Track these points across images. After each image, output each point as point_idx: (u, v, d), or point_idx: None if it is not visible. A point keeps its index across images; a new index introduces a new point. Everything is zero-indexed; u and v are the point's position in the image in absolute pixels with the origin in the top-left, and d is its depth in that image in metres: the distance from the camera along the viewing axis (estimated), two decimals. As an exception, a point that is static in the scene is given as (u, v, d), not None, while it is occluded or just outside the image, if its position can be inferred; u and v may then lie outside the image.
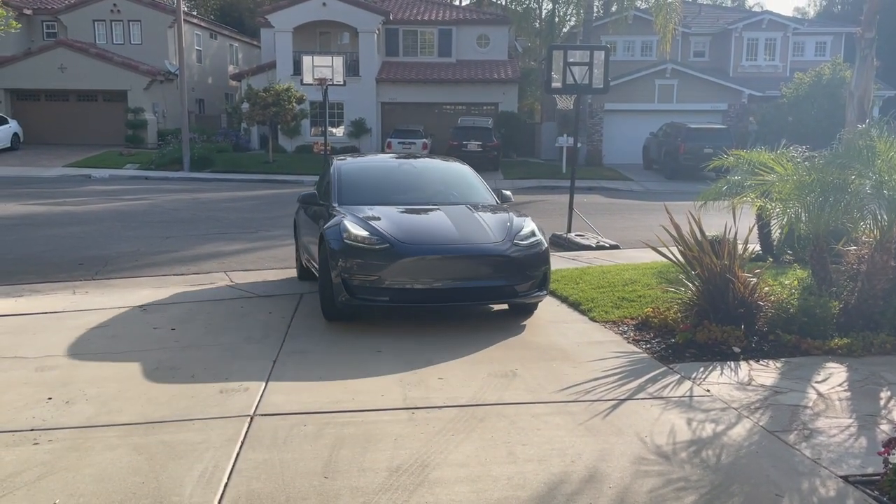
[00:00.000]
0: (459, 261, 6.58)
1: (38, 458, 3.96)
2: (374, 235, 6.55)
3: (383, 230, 6.62)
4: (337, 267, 6.47)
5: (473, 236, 6.76)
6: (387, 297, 6.45)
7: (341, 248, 6.50)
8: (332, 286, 6.55)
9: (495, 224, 7.00)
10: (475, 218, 7.14)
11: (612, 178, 26.41)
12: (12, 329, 6.63)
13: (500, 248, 6.63)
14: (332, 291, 6.57)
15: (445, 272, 6.54)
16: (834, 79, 26.31)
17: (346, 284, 6.44)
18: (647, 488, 3.69)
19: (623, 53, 33.62)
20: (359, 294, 6.44)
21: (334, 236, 6.64)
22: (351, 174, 8.22)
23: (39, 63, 31.04)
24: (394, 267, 6.38)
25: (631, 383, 5.22)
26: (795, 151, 7.47)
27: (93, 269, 9.74)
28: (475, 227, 6.92)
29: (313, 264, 7.70)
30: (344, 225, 6.68)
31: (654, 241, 7.17)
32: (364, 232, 6.58)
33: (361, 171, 8.66)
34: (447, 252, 6.56)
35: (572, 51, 12.20)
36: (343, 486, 3.67)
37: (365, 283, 6.42)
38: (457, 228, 6.84)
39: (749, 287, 6.33)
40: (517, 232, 6.88)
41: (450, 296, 6.63)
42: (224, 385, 5.09)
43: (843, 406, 4.83)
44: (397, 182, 8.34)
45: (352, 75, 28.96)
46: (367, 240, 6.50)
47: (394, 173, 8.78)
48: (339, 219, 6.88)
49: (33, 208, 15.86)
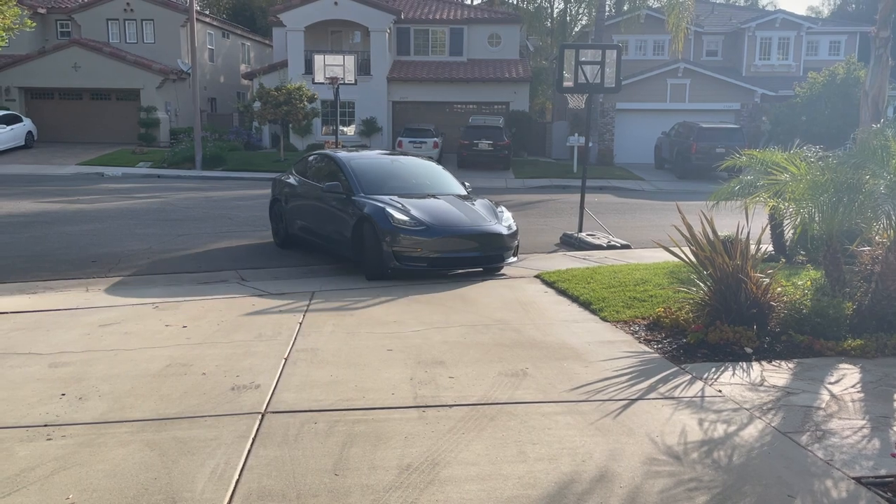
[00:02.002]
0: (472, 238, 9.06)
1: (52, 454, 3.99)
2: (413, 220, 8.90)
3: (417, 216, 8.96)
4: (387, 242, 8.74)
5: (478, 220, 9.29)
6: (425, 263, 8.89)
7: (391, 229, 8.78)
8: (381, 256, 8.80)
9: (486, 211, 9.65)
10: (472, 207, 9.68)
11: (624, 177, 26.33)
12: (26, 325, 6.69)
13: (497, 229, 9.24)
14: (381, 259, 8.83)
15: (462, 246, 9.03)
16: (848, 78, 26.11)
17: (395, 255, 8.77)
18: (658, 488, 3.68)
19: (635, 52, 33.51)
20: (405, 262, 8.82)
21: (382, 220, 8.85)
22: (361, 169, 10.14)
23: (53, 62, 31.25)
24: (430, 242, 8.82)
25: (642, 383, 5.21)
26: (809, 151, 7.43)
27: (106, 267, 9.81)
28: (477, 214, 9.48)
29: (314, 235, 10.36)
30: (388, 212, 8.92)
31: (666, 241, 7.15)
32: (406, 217, 8.92)
33: (368, 167, 10.42)
34: (464, 233, 9.03)
35: (584, 50, 12.16)
36: (353, 484, 3.68)
37: (410, 254, 8.81)
38: (465, 215, 9.33)
39: (761, 287, 6.30)
40: (502, 217, 9.65)
41: (465, 262, 9.21)
42: (235, 382, 5.12)
43: (856, 407, 4.80)
44: (395, 175, 10.41)
45: (363, 74, 29.01)
46: (408, 223, 8.85)
47: (390, 168, 10.78)
48: (379, 206, 9.06)
49: (47, 206, 15.97)
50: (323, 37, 31.97)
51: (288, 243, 11.19)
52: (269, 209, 12.09)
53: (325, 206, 10.05)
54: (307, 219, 10.61)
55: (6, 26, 13.88)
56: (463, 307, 7.47)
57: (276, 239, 11.62)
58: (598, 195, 20.71)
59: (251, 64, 40.09)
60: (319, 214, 10.24)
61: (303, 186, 10.86)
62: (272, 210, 11.82)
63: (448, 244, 8.90)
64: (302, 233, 10.75)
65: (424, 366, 5.51)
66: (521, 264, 10.17)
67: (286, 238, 11.20)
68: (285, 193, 11.22)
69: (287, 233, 11.13)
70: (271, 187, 12.21)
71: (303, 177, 11.06)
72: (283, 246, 11.28)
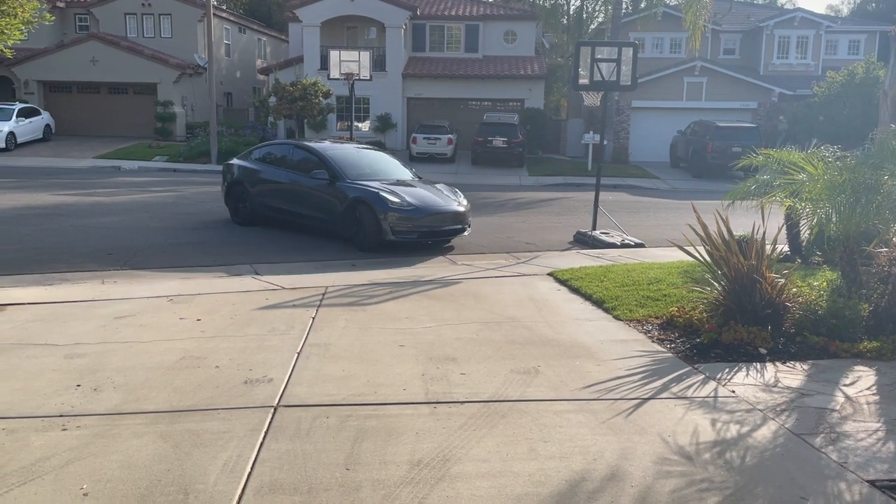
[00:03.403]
0: (446, 215, 11.27)
1: (67, 444, 4.03)
2: (404, 202, 10.92)
3: (407, 199, 11.01)
4: (386, 219, 10.74)
5: (448, 201, 11.57)
6: (415, 235, 11.01)
7: (388, 209, 10.78)
8: (380, 231, 10.78)
9: (451, 193, 12.01)
10: (440, 190, 12.03)
11: (639, 175, 26.21)
12: (43, 317, 6.76)
13: (461, 208, 11.53)
14: (380, 234, 10.80)
15: (440, 221, 11.21)
16: (867, 78, 25.85)
17: (392, 229, 10.78)
18: (669, 488, 3.67)
19: (651, 50, 33.33)
20: (399, 235, 10.86)
21: (380, 202, 10.83)
22: (339, 158, 12.07)
23: (72, 56, 31.49)
24: (418, 219, 10.92)
25: (654, 382, 5.19)
26: (826, 151, 7.35)
27: (121, 260, 9.89)
28: (446, 196, 11.77)
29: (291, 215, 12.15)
30: (384, 196, 10.93)
31: (680, 240, 7.11)
32: (398, 199, 10.93)
33: (344, 156, 12.28)
34: (441, 211, 11.24)
35: (600, 47, 12.12)
36: (364, 479, 3.69)
37: (402, 229, 10.85)
38: (439, 197, 11.58)
39: (777, 288, 6.25)
40: (460, 197, 11.97)
41: (441, 234, 11.38)
42: (248, 376, 5.14)
43: (871, 410, 4.75)
44: (366, 164, 12.38)
45: (378, 70, 29.00)
46: (401, 205, 10.88)
47: (360, 158, 12.65)
48: (373, 191, 11.06)
49: (64, 198, 16.12)
50: (339, 32, 32.02)
51: (251, 221, 12.77)
52: (224, 192, 13.44)
53: (306, 189, 11.83)
54: (280, 200, 12.30)
55: (25, 20, 14.04)
56: (475, 304, 7.47)
57: (236, 218, 13.08)
58: (613, 193, 20.63)
59: (267, 59, 40.22)
60: (299, 197, 11.97)
61: (272, 172, 12.55)
62: (230, 193, 13.22)
63: (430, 220, 11.07)
64: (272, 212, 12.46)
65: (436, 362, 5.52)
66: (535, 261, 10.16)
67: (250, 216, 12.78)
68: (248, 178, 12.80)
69: (252, 212, 12.73)
70: (224, 173, 13.66)
71: (268, 164, 12.77)
72: (245, 223, 12.81)
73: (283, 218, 12.40)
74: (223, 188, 13.60)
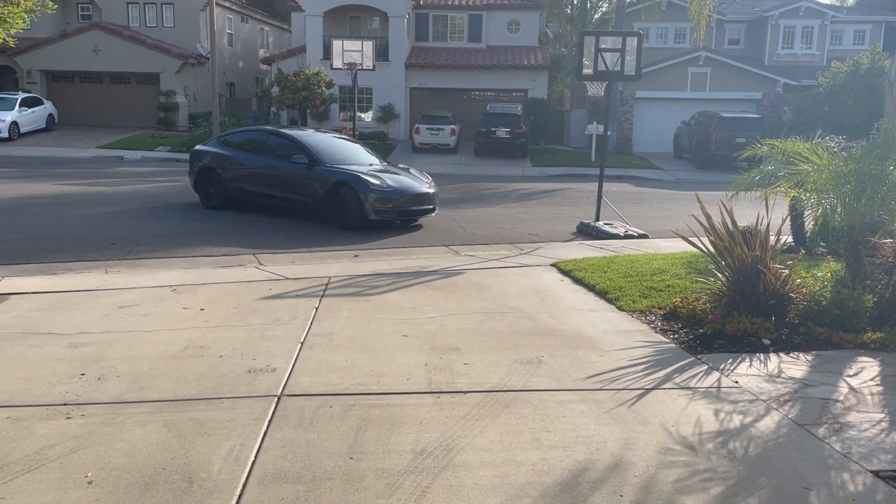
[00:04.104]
0: (419, 196, 12.28)
1: (71, 432, 4.04)
2: (385, 184, 11.94)
3: (387, 182, 12.03)
4: (368, 200, 11.69)
5: (421, 184, 12.60)
6: (394, 215, 12.07)
7: (369, 190, 11.75)
8: (363, 211, 11.71)
9: (422, 176, 13.07)
10: (413, 174, 13.05)
11: (642, 166, 26.15)
12: (47, 306, 6.77)
13: (431, 190, 12.61)
14: (363, 213, 11.71)
15: (415, 202, 12.23)
16: (872, 68, 25.72)
17: (373, 209, 11.75)
18: (672, 478, 3.67)
19: (656, 40, 33.16)
20: (380, 214, 11.84)
21: (363, 185, 11.76)
22: (316, 145, 12.88)
23: (74, 45, 31.43)
24: (397, 200, 11.98)
25: (658, 373, 5.18)
26: (832, 141, 7.32)
27: (125, 249, 9.90)
28: (419, 179, 12.81)
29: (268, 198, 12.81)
30: (365, 178, 11.87)
31: (684, 231, 7.09)
32: (379, 182, 11.93)
33: (319, 143, 13.07)
34: (415, 193, 12.26)
35: (604, 37, 12.06)
36: (368, 468, 3.70)
37: (382, 209, 11.84)
38: (413, 180, 12.61)
39: (780, 278, 6.24)
40: (430, 180, 12.99)
41: (416, 213, 12.40)
42: (252, 365, 5.15)
43: (875, 401, 4.75)
44: (339, 151, 13.16)
45: (381, 60, 28.92)
46: (381, 187, 11.89)
47: (334, 145, 13.44)
48: (355, 174, 11.97)
49: (67, 188, 16.13)
50: (342, 22, 31.91)
51: (223, 205, 13.33)
52: (194, 178, 13.81)
53: (285, 174, 12.55)
54: (258, 184, 12.93)
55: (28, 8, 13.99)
56: (478, 294, 7.47)
57: (207, 202, 13.59)
58: (617, 184, 20.59)
59: (270, 49, 40.11)
60: (278, 181, 12.67)
61: (247, 158, 13.16)
62: (199, 178, 13.68)
63: (406, 201, 12.11)
64: (248, 196, 13.10)
65: (439, 352, 5.52)
66: (538, 252, 10.15)
67: (222, 201, 13.34)
68: (220, 164, 13.35)
69: (225, 197, 13.30)
70: (192, 160, 14.02)
71: (242, 150, 13.35)
72: (217, 207, 13.36)
73: (259, 202, 12.98)
74: (192, 174, 13.94)
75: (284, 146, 12.88)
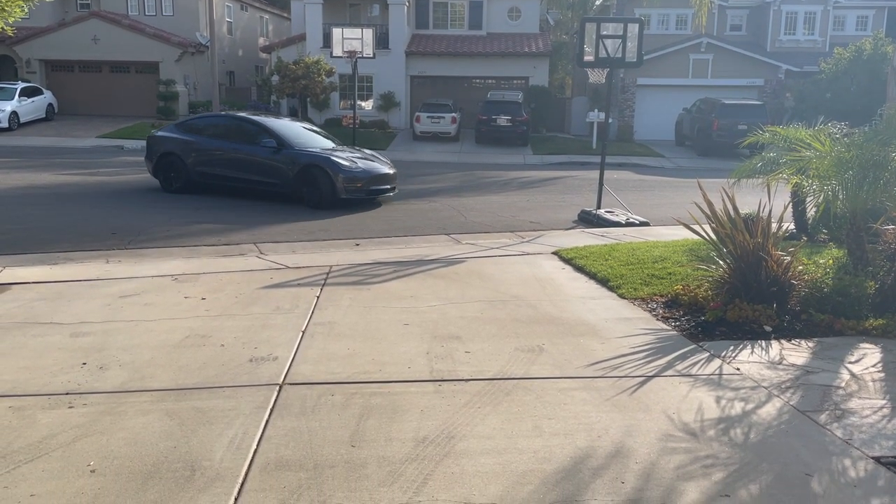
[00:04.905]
0: (383, 176, 13.35)
1: (73, 422, 4.05)
2: (354, 165, 12.98)
3: (356, 163, 13.11)
4: (339, 180, 12.63)
5: (383, 165, 13.68)
6: (363, 194, 13.04)
7: (340, 171, 12.71)
8: (335, 190, 12.64)
9: (383, 158, 14.34)
10: (374, 155, 14.37)
11: (644, 154, 26.07)
12: (48, 296, 6.77)
13: (392, 171, 13.68)
14: (335, 193, 12.66)
15: (379, 181, 13.27)
16: (875, 54, 25.58)
17: (345, 188, 12.69)
18: (673, 465, 3.67)
19: (657, 27, 32.96)
20: (350, 193, 12.80)
21: (334, 166, 12.74)
22: (282, 129, 13.70)
23: (73, 34, 31.28)
24: (365, 180, 12.96)
25: (659, 360, 5.18)
26: (834, 128, 7.29)
27: (125, 239, 9.89)
28: (381, 161, 13.94)
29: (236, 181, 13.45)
30: (336, 160, 12.88)
31: (686, 219, 7.08)
32: (349, 163, 12.95)
33: (284, 128, 13.94)
34: (379, 173, 13.32)
35: (605, 23, 11.98)
36: (370, 455, 3.71)
37: (352, 188, 12.80)
38: (377, 162, 13.71)
39: (782, 265, 6.23)
40: (389, 162, 14.11)
41: (379, 192, 13.34)
42: (253, 354, 5.16)
43: (877, 387, 4.75)
44: (303, 135, 13.99)
45: (381, 48, 28.77)
46: (351, 168, 12.88)
47: (295, 128, 14.35)
48: (325, 157, 12.96)
49: (67, 178, 16.10)
50: (341, 9, 31.74)
51: (185, 189, 13.79)
52: (153, 164, 14.16)
53: (253, 157, 13.20)
54: (225, 168, 13.47)
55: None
56: (479, 283, 7.46)
57: (169, 185, 14.00)
58: (618, 172, 20.53)
59: (269, 37, 39.91)
60: (246, 164, 13.28)
61: (211, 143, 13.69)
62: (160, 163, 14.06)
63: (372, 181, 13.11)
64: (214, 180, 13.62)
65: (441, 340, 5.52)
66: (539, 240, 10.13)
67: (185, 184, 13.82)
68: (182, 150, 13.79)
69: (188, 181, 13.78)
70: (150, 146, 14.40)
71: (204, 136, 13.89)
72: (179, 191, 13.80)
73: (225, 185, 13.58)
74: (150, 161, 14.27)
75: (251, 131, 13.59)
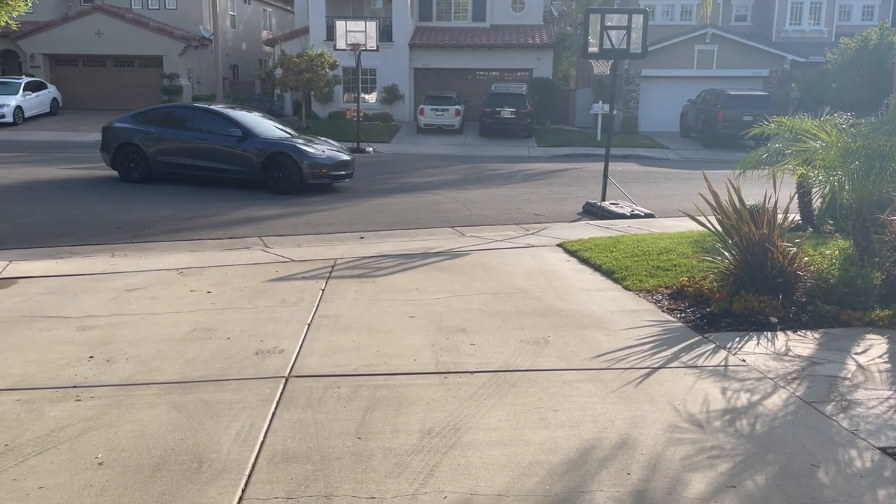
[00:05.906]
0: (343, 163, 14.29)
1: (81, 414, 4.07)
2: (318, 152, 13.84)
3: (320, 150, 13.97)
4: (306, 167, 13.51)
5: (343, 153, 14.65)
6: (327, 179, 14.00)
7: (306, 158, 13.57)
8: (303, 177, 13.52)
9: (340, 145, 15.36)
10: (332, 143, 15.11)
11: (648, 145, 25.99)
12: (54, 289, 6.80)
13: (350, 157, 14.64)
14: (302, 179, 13.53)
15: (341, 168, 14.22)
16: (881, 44, 25.41)
17: (311, 174, 13.60)
18: (679, 456, 3.68)
19: (662, 17, 32.80)
20: (316, 179, 13.71)
21: (301, 153, 13.59)
22: (244, 120, 14.35)
23: (77, 28, 31.30)
24: (328, 166, 13.87)
25: (664, 352, 5.18)
26: (840, 118, 7.26)
27: (131, 233, 9.91)
28: (341, 149, 14.91)
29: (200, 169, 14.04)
30: (302, 148, 13.73)
31: (691, 210, 7.06)
32: (314, 150, 13.84)
33: (247, 118, 14.62)
34: (341, 161, 14.23)
35: (610, 14, 11.95)
36: (376, 447, 3.72)
37: (317, 173, 13.70)
38: (338, 150, 14.58)
39: (788, 256, 6.21)
40: (347, 149, 15.27)
41: (341, 177, 14.35)
42: (259, 347, 5.17)
43: (883, 378, 4.74)
44: (264, 125, 14.67)
45: (385, 41, 28.70)
46: (316, 155, 13.76)
47: (255, 118, 14.97)
48: (291, 145, 13.79)
49: (72, 172, 16.13)
50: (344, 2, 31.65)
51: (145, 178, 14.26)
52: (111, 155, 14.48)
53: (217, 146, 13.79)
54: (189, 157, 13.97)
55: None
56: (484, 275, 7.46)
57: (129, 175, 14.39)
58: (623, 164, 20.47)
59: (273, 30, 39.86)
60: (211, 153, 13.86)
61: (173, 133, 14.20)
62: (118, 154, 14.40)
63: (334, 167, 13.99)
64: (176, 169, 14.11)
65: (446, 333, 5.53)
66: (544, 233, 10.13)
67: (145, 174, 14.28)
68: (142, 140, 14.24)
69: (148, 171, 14.25)
70: (106, 137, 14.67)
71: (165, 126, 14.37)
72: (140, 181, 14.26)
73: (187, 174, 14.10)
74: (108, 152, 14.56)
75: (212, 121, 14.21)
